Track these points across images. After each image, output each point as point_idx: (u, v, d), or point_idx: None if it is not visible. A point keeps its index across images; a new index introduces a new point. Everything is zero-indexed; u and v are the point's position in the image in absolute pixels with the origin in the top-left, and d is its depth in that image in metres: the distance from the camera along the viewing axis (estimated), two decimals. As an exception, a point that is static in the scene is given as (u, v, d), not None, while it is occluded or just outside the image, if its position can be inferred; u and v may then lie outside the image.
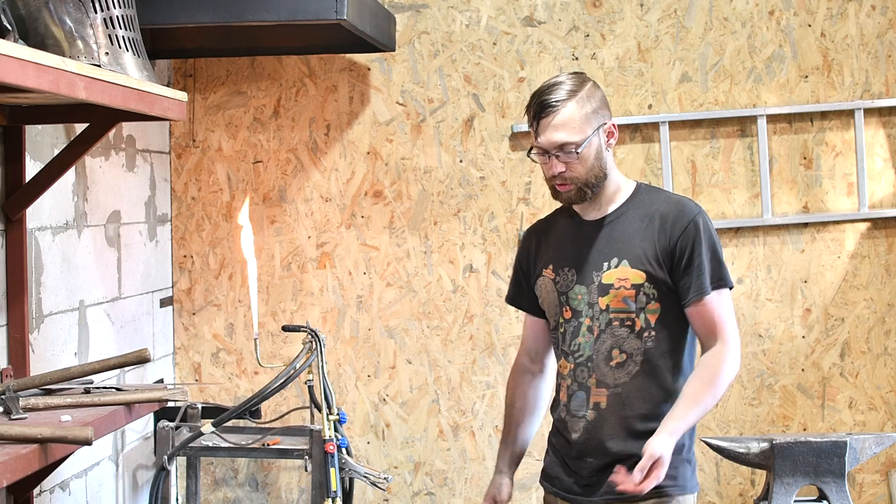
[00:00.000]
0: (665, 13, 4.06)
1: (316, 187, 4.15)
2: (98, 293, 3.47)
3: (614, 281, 2.54)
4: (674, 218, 2.54)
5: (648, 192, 2.64)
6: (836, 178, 4.06)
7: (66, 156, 2.80)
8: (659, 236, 2.53)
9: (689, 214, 2.54)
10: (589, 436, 2.58)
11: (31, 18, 2.27)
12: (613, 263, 2.55)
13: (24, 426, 2.14)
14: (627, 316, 2.53)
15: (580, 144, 2.49)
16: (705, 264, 2.51)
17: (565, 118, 2.50)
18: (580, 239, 2.62)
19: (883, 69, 4.03)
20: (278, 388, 3.29)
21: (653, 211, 2.57)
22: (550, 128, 2.50)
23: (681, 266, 2.51)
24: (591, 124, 2.52)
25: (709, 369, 2.50)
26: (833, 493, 3.54)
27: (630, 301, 2.52)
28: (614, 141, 2.58)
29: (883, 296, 4.06)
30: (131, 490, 3.76)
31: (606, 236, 2.58)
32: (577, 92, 2.52)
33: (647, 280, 2.52)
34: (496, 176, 4.11)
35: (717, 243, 2.55)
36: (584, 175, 2.52)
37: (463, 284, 4.13)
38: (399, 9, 4.09)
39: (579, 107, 2.50)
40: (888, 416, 4.07)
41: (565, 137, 2.50)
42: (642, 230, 2.55)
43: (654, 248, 2.52)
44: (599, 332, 2.55)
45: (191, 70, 4.15)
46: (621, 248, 2.55)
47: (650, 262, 2.52)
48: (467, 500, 4.15)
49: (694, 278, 2.51)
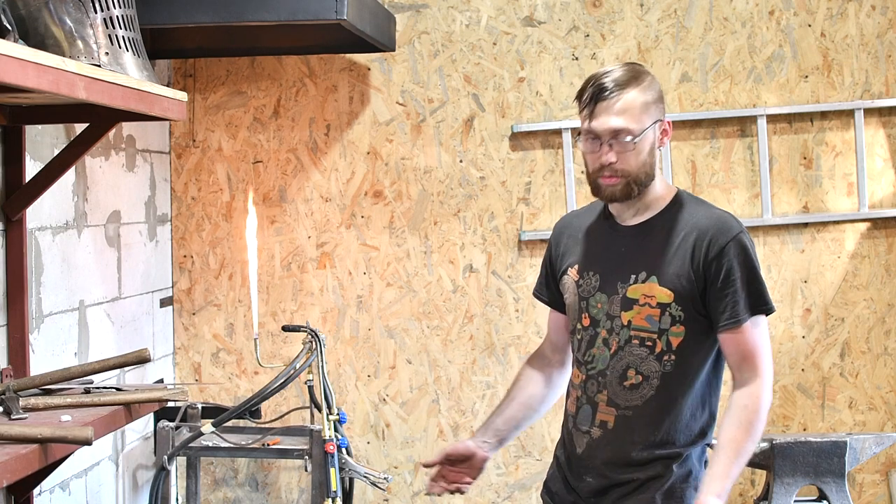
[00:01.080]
0: (665, 13, 4.06)
1: (316, 187, 4.15)
2: (98, 293, 3.47)
3: (639, 297, 2.36)
4: (712, 235, 2.33)
5: (689, 202, 2.43)
6: (836, 178, 4.06)
7: (66, 156, 2.80)
8: (694, 254, 2.33)
9: (730, 233, 2.33)
10: (590, 454, 2.43)
11: (31, 18, 2.27)
12: (641, 277, 2.36)
13: (24, 426, 2.14)
14: (649, 336, 2.35)
15: (638, 134, 2.31)
16: (743, 288, 2.31)
17: (626, 103, 2.31)
18: (611, 244, 2.44)
19: (883, 69, 4.03)
20: (278, 388, 3.29)
21: (691, 225, 2.36)
22: (609, 112, 2.31)
23: (715, 288, 2.32)
24: (650, 115, 2.34)
25: (746, 412, 2.31)
26: (833, 493, 3.54)
27: (654, 320, 2.34)
28: (668, 140, 2.41)
29: (883, 296, 4.06)
30: (131, 490, 3.76)
31: (638, 246, 2.40)
32: (640, 79, 2.34)
33: (674, 300, 2.33)
34: (496, 176, 4.11)
35: (757, 265, 2.34)
36: (636, 169, 2.34)
37: (463, 284, 4.13)
38: (399, 9, 4.09)
39: (641, 94, 2.33)
40: (888, 416, 4.07)
41: (623, 124, 2.31)
42: (676, 245, 2.35)
43: (688, 266, 2.33)
44: (617, 349, 2.38)
45: (191, 70, 4.15)
46: (652, 262, 2.36)
47: (681, 281, 2.33)
48: (467, 499, 4.15)
49: (730, 302, 2.31)
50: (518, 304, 4.10)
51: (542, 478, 4.10)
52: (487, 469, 4.11)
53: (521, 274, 4.10)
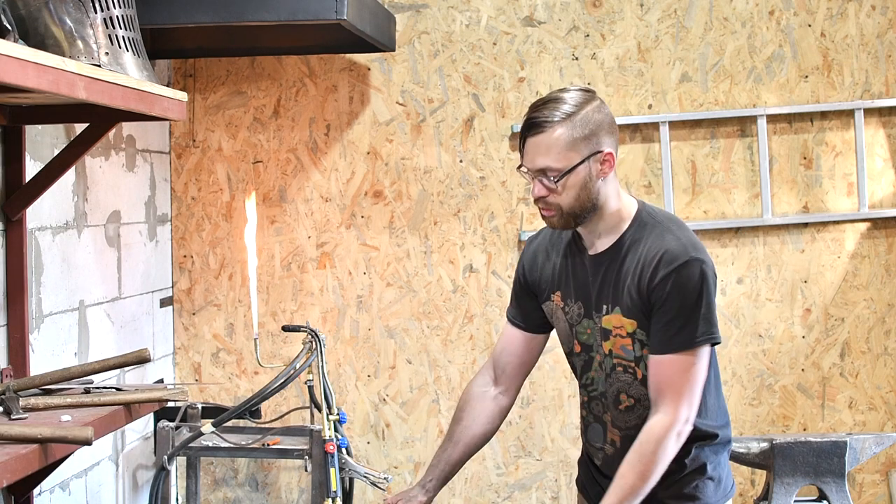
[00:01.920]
0: (665, 13, 4.06)
1: (316, 187, 4.15)
2: (98, 293, 3.47)
3: (612, 328, 2.38)
4: (655, 265, 2.31)
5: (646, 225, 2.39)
6: (836, 178, 4.06)
7: (66, 156, 2.80)
8: (640, 282, 2.32)
9: (673, 263, 2.29)
10: (609, 466, 2.46)
11: (31, 18, 2.27)
12: (609, 308, 2.38)
13: (24, 426, 2.14)
14: (628, 364, 2.39)
15: (561, 172, 2.29)
16: (674, 320, 2.28)
17: (550, 142, 2.28)
18: (580, 273, 2.45)
19: (883, 69, 4.03)
20: (278, 388, 3.29)
21: (643, 250, 2.35)
22: (534, 149, 2.31)
23: (656, 315, 2.31)
24: (579, 152, 2.29)
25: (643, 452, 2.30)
26: (833, 493, 3.54)
27: (628, 349, 2.37)
28: (609, 170, 2.34)
29: (883, 296, 4.06)
30: (131, 490, 3.76)
31: (602, 276, 2.40)
32: (574, 114, 2.29)
33: (638, 327, 2.34)
34: (496, 176, 4.11)
35: (700, 298, 2.29)
36: (568, 205, 2.32)
37: (463, 284, 4.13)
38: (399, 9, 4.09)
39: (568, 131, 2.28)
40: (888, 416, 4.07)
41: (547, 163, 2.29)
42: (631, 272, 2.34)
43: (639, 294, 2.33)
44: (607, 375, 2.43)
45: (191, 70, 4.15)
46: (614, 294, 2.37)
47: (638, 310, 2.33)
48: (467, 499, 4.15)
49: (658, 330, 2.30)
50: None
51: (542, 478, 4.12)
52: (487, 469, 4.13)
53: (521, 274, 4.10)
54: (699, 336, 2.29)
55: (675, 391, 2.29)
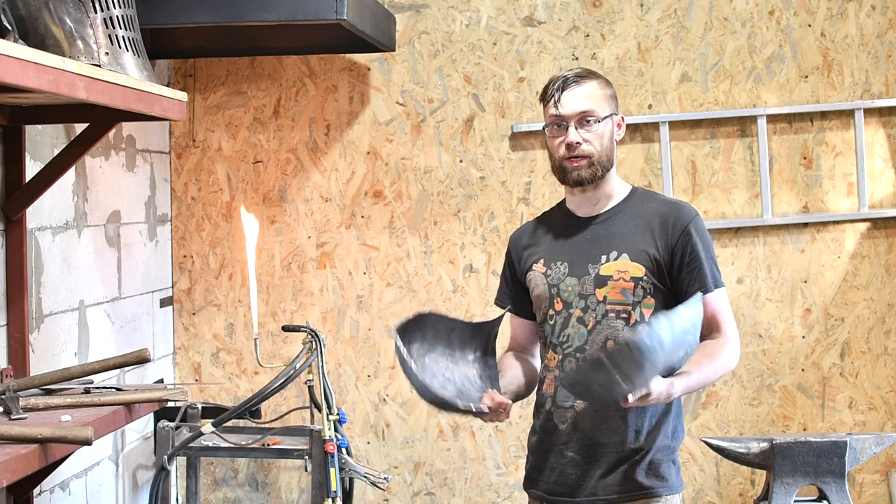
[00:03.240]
0: (665, 13, 4.06)
1: (316, 187, 4.15)
2: (98, 293, 3.47)
3: (613, 273, 2.55)
4: (674, 219, 2.57)
5: (644, 195, 2.68)
6: (836, 178, 4.06)
7: (66, 156, 2.80)
8: (660, 235, 2.56)
9: (689, 216, 2.58)
10: (575, 426, 2.56)
11: (31, 18, 2.27)
12: (613, 256, 2.57)
13: (24, 426, 2.14)
14: (624, 308, 2.54)
15: (602, 117, 2.56)
16: (704, 264, 2.55)
17: (591, 90, 2.57)
18: (575, 234, 2.64)
19: (883, 69, 4.03)
20: (278, 388, 3.29)
21: (650, 211, 2.61)
22: (575, 97, 2.56)
23: (682, 265, 2.55)
24: (610, 105, 2.60)
25: (710, 347, 2.51)
26: (833, 493, 3.54)
27: (628, 293, 2.54)
28: (622, 133, 2.65)
29: (883, 296, 4.06)
30: (131, 490, 3.76)
31: (602, 231, 2.61)
32: (598, 76, 2.63)
33: (645, 273, 2.54)
34: (496, 176, 4.11)
35: (711, 245, 2.61)
36: (599, 151, 2.56)
37: (463, 284, 4.13)
38: (399, 9, 4.09)
39: (601, 87, 2.60)
40: (888, 416, 4.07)
41: (589, 106, 2.56)
42: (641, 227, 2.58)
43: (655, 245, 2.56)
44: (595, 323, 2.56)
45: (191, 70, 4.15)
46: (620, 243, 2.58)
47: (651, 257, 2.55)
48: (467, 499, 4.15)
49: (695, 276, 2.54)
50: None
51: (542, 478, 4.12)
52: (487, 469, 4.13)
53: (521, 274, 4.10)
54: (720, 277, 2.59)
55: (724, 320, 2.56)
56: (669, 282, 2.56)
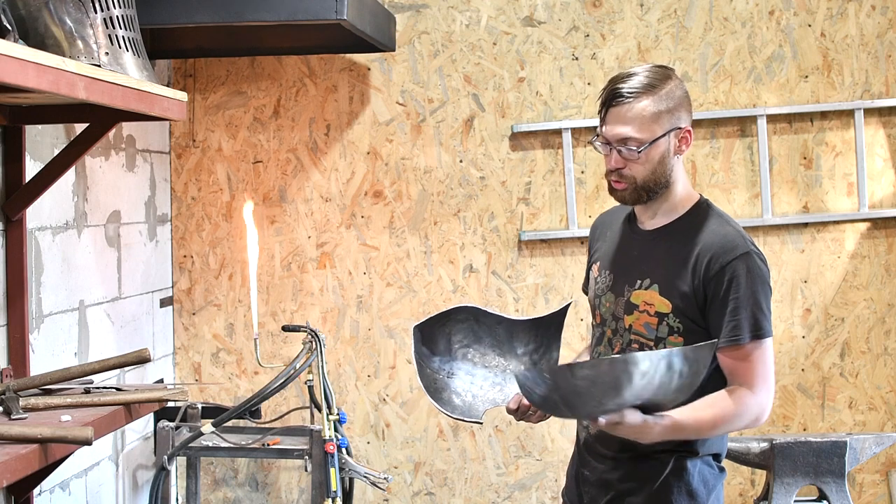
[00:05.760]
0: (665, 13, 4.06)
1: (316, 187, 4.15)
2: (98, 293, 3.47)
3: (640, 303, 2.37)
4: (713, 254, 2.30)
5: (707, 213, 2.40)
6: (836, 178, 4.06)
7: (66, 156, 2.80)
8: (694, 270, 2.31)
9: (733, 253, 2.29)
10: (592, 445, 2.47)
11: (31, 18, 2.27)
12: (645, 284, 2.37)
13: (24, 426, 2.14)
14: (646, 342, 2.35)
15: (644, 143, 2.31)
16: (741, 310, 2.27)
17: (635, 112, 2.31)
18: (627, 246, 2.46)
19: (883, 69, 4.03)
20: (278, 388, 3.29)
21: (700, 239, 2.34)
22: (618, 119, 2.32)
23: (715, 306, 2.29)
24: (661, 125, 2.32)
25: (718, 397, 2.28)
26: (833, 493, 3.54)
27: (651, 328, 2.35)
28: (686, 147, 2.38)
29: (883, 296, 4.06)
30: (131, 490, 3.76)
31: (649, 251, 2.40)
32: (657, 87, 2.32)
33: (672, 311, 2.32)
34: (496, 176, 4.11)
35: (758, 289, 2.28)
36: (643, 177, 2.34)
37: (463, 284, 4.13)
38: (399, 9, 4.09)
39: (653, 103, 2.31)
40: (888, 416, 4.07)
41: (630, 132, 2.31)
42: (683, 257, 2.33)
43: (689, 280, 2.31)
44: (620, 350, 2.41)
45: (191, 70, 4.15)
46: (657, 271, 2.36)
47: (680, 294, 2.32)
48: (467, 500, 4.15)
49: (726, 323, 2.28)
50: (518, 304, 4.10)
51: (542, 478, 4.12)
52: (487, 469, 4.13)
53: (522, 274, 4.10)
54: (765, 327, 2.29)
55: (754, 377, 2.28)
56: (704, 321, 2.31)
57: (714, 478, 2.42)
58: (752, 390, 2.28)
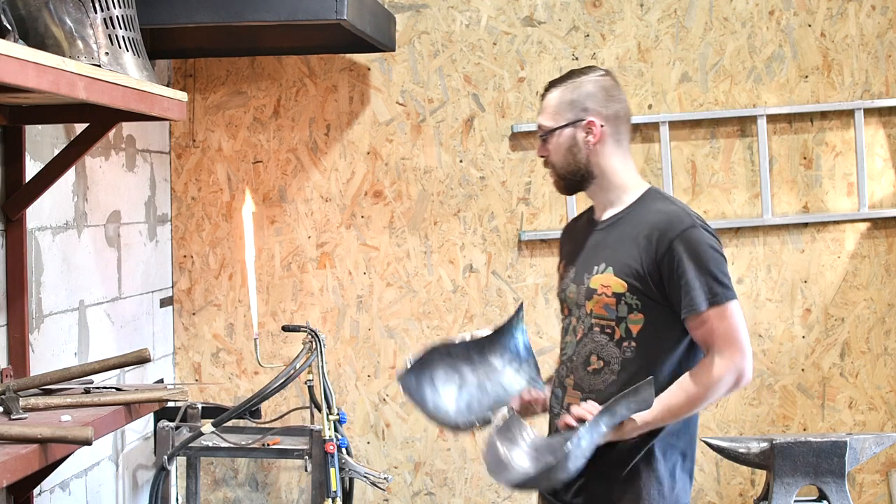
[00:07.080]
0: (665, 13, 4.06)
1: (316, 187, 4.15)
2: (98, 293, 3.47)
3: (598, 287, 2.45)
4: (660, 233, 2.39)
5: (654, 199, 2.50)
6: (836, 178, 4.06)
7: (66, 156, 2.80)
8: (645, 250, 2.40)
9: (676, 230, 2.39)
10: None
11: (31, 18, 2.27)
12: (601, 269, 2.46)
13: (24, 426, 2.14)
14: (607, 323, 2.43)
15: (549, 130, 2.50)
16: (693, 281, 2.36)
17: (547, 102, 2.52)
18: (585, 239, 2.56)
19: (883, 69, 4.03)
20: (278, 388, 3.29)
21: (646, 221, 2.44)
22: (542, 108, 2.54)
23: (671, 282, 2.38)
24: (563, 115, 2.48)
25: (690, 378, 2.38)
26: (833, 493, 3.54)
27: (611, 309, 2.43)
28: (595, 140, 2.46)
29: (883, 296, 4.06)
30: (131, 490, 3.76)
31: (601, 239, 2.51)
32: (568, 80, 2.51)
33: (628, 290, 2.41)
34: (496, 176, 4.11)
35: (708, 258, 2.37)
36: (560, 166, 2.51)
37: (463, 284, 4.13)
38: (399, 9, 4.09)
39: (560, 94, 2.50)
40: (888, 416, 4.07)
41: (541, 120, 2.52)
42: (631, 239, 2.43)
43: (640, 260, 2.40)
44: (583, 335, 2.48)
45: (191, 70, 4.15)
46: (609, 255, 2.46)
47: (634, 273, 2.41)
48: (467, 500, 4.15)
49: (683, 295, 2.37)
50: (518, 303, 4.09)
51: (542, 478, 4.12)
52: (487, 469, 4.12)
53: (522, 274, 4.11)
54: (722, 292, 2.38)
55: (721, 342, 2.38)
56: (663, 297, 2.40)
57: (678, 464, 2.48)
58: (719, 355, 2.37)
